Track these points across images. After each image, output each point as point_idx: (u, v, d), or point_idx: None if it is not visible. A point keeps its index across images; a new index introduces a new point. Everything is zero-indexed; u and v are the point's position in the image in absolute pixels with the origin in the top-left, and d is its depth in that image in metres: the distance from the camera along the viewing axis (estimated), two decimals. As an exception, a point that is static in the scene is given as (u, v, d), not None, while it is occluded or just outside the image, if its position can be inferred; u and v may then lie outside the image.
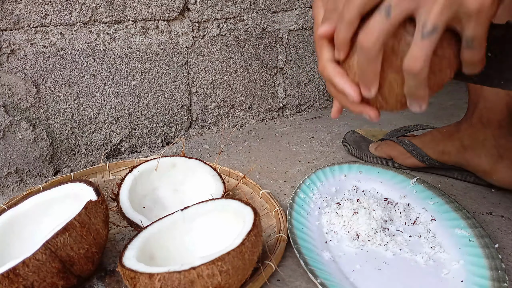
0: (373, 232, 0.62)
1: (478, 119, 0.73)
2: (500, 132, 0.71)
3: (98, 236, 0.52)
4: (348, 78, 0.40)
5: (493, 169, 0.73)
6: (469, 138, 0.74)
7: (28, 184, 0.81)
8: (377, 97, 0.40)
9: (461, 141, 0.75)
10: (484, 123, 0.72)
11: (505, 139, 0.71)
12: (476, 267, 0.55)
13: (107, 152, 0.90)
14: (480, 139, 0.73)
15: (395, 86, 0.39)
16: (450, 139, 0.77)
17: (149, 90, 0.91)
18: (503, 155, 0.71)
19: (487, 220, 0.69)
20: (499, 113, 0.71)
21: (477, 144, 0.73)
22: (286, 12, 1.05)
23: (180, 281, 0.42)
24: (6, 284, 0.44)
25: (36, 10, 0.73)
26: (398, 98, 0.40)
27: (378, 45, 0.35)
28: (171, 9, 0.87)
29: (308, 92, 1.18)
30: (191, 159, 0.73)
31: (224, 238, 0.55)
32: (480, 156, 0.73)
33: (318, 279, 0.51)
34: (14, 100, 0.75)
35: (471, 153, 0.74)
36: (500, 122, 0.71)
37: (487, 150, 0.72)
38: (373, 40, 0.35)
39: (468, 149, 0.74)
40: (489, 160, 0.73)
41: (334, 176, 0.77)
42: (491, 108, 0.71)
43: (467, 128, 0.74)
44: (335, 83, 0.41)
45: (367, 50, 0.36)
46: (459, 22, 0.34)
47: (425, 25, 0.33)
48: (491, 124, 0.71)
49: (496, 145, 0.72)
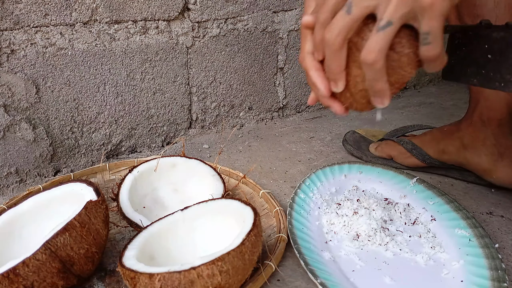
0: (373, 232, 0.62)
1: (479, 118, 0.73)
2: (500, 130, 0.71)
3: (98, 236, 0.52)
4: (322, 73, 0.42)
5: (493, 168, 0.73)
6: (469, 137, 0.74)
7: (28, 184, 0.81)
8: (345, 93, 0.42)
9: (461, 140, 0.75)
10: (484, 122, 0.72)
11: (505, 138, 0.72)
12: (476, 267, 0.55)
13: (107, 152, 0.90)
14: (481, 138, 0.73)
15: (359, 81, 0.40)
16: (450, 138, 0.77)
17: (149, 90, 0.91)
18: (503, 154, 0.71)
19: (487, 220, 0.69)
20: (499, 111, 0.71)
21: (477, 143, 0.73)
22: (286, 12, 1.05)
23: (180, 281, 0.42)
24: (6, 284, 0.44)
25: (36, 10, 0.73)
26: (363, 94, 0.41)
27: (340, 40, 0.38)
28: (171, 9, 0.87)
29: (308, 92, 1.18)
30: (191, 159, 0.73)
31: (224, 238, 0.55)
32: (480, 155, 0.73)
33: (318, 279, 0.51)
34: (14, 100, 0.75)
35: (471, 152, 0.74)
36: (500, 121, 0.71)
37: (487, 148, 0.72)
38: (335, 35, 0.37)
39: (468, 148, 0.74)
40: (489, 159, 0.73)
41: (334, 176, 0.77)
42: (492, 107, 0.71)
43: (468, 127, 0.75)
44: (309, 76, 0.43)
45: (331, 45, 0.38)
46: (415, 19, 0.36)
47: (381, 19, 0.36)
48: (491, 123, 0.72)
49: (496, 144, 0.72)
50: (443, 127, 0.80)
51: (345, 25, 0.37)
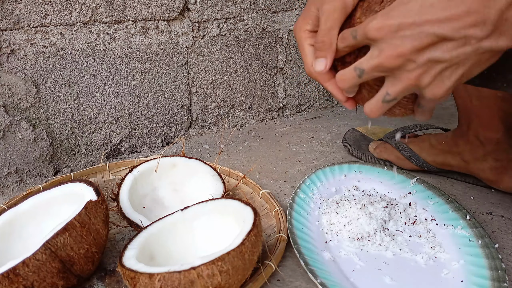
0: (373, 232, 0.62)
1: (475, 137, 0.73)
2: (499, 147, 0.71)
3: (98, 236, 0.52)
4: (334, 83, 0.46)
5: (499, 179, 0.73)
6: (469, 155, 0.74)
7: (28, 184, 0.81)
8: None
9: (462, 156, 0.75)
10: (482, 141, 0.72)
11: (506, 153, 0.71)
12: (476, 267, 0.55)
13: (107, 152, 0.90)
14: (480, 155, 0.73)
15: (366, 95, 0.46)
16: (450, 153, 0.77)
17: (149, 90, 0.91)
18: (507, 167, 0.71)
19: (487, 220, 0.69)
20: (495, 131, 0.71)
21: (478, 160, 0.73)
22: (286, 12, 1.05)
23: (180, 281, 0.42)
24: (6, 284, 0.44)
25: (36, 10, 0.73)
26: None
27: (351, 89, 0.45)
28: (171, 9, 0.87)
29: (308, 92, 1.18)
30: (191, 159, 0.73)
31: (224, 238, 0.55)
32: (484, 169, 0.74)
33: (318, 279, 0.51)
34: (14, 100, 0.75)
35: (473, 166, 0.74)
36: (498, 139, 0.71)
37: (490, 164, 0.73)
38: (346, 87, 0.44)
39: (470, 163, 0.75)
40: (494, 172, 0.73)
41: (334, 176, 0.77)
42: (487, 126, 0.71)
43: (466, 145, 0.74)
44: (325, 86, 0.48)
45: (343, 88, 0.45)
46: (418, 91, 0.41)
47: (388, 93, 0.41)
48: (489, 142, 0.72)
49: (497, 159, 0.72)
50: (439, 137, 0.79)
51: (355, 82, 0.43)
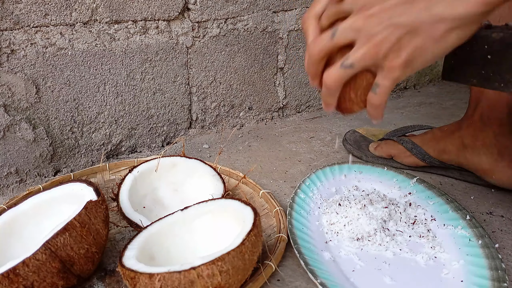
0: (373, 232, 0.62)
1: (479, 117, 0.73)
2: (501, 130, 0.72)
3: (98, 236, 0.52)
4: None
5: (493, 168, 0.73)
6: (470, 137, 0.74)
7: (28, 184, 0.81)
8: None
9: (462, 139, 0.75)
10: (485, 121, 0.73)
11: (505, 137, 0.72)
12: (476, 267, 0.55)
13: (107, 152, 0.90)
14: (481, 137, 0.73)
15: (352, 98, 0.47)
16: (450, 137, 0.77)
17: (149, 90, 0.91)
18: (503, 154, 0.72)
19: (487, 220, 0.69)
20: (500, 111, 0.71)
21: (477, 142, 0.74)
22: (286, 12, 1.05)
23: (180, 281, 0.42)
24: (6, 284, 0.44)
25: (36, 10, 0.73)
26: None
27: (321, 55, 0.44)
28: (171, 9, 0.87)
29: (308, 92, 1.18)
30: (191, 159, 0.73)
31: (224, 238, 0.55)
32: (480, 154, 0.74)
33: (318, 279, 0.51)
34: (14, 100, 0.75)
35: (471, 151, 0.74)
36: (501, 120, 0.71)
37: (487, 148, 0.73)
38: (317, 50, 0.44)
39: (468, 147, 0.75)
40: (489, 158, 0.73)
41: (334, 176, 0.77)
42: (492, 106, 0.72)
43: (468, 126, 0.75)
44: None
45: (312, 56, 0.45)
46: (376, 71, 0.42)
47: (347, 58, 0.42)
48: (492, 122, 0.72)
49: (496, 143, 0.72)
50: (443, 126, 0.81)
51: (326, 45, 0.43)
